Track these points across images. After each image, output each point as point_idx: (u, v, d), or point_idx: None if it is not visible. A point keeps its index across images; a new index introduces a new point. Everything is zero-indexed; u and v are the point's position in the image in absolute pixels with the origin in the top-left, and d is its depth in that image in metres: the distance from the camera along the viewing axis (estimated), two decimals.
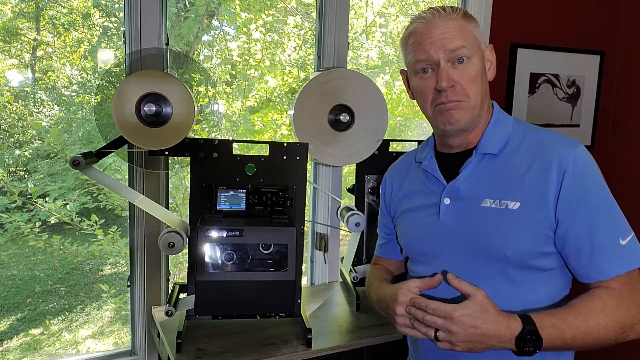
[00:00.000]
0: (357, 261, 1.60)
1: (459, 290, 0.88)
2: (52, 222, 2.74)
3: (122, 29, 1.45)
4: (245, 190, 1.30)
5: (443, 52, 0.94)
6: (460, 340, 0.83)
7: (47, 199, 2.73)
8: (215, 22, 2.90)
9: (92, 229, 2.73)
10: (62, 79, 2.91)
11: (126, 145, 1.27)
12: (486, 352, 0.86)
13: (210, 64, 2.91)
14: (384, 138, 1.54)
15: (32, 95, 2.86)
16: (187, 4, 2.64)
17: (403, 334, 0.93)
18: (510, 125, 1.02)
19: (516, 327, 0.83)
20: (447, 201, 1.00)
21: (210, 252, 1.19)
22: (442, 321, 0.84)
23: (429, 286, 0.93)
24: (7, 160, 2.83)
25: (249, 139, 2.94)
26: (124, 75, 1.39)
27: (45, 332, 2.88)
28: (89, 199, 2.80)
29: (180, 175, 2.66)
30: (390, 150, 1.57)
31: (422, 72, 0.97)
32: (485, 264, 0.95)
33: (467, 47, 0.95)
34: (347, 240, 1.80)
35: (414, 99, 1.06)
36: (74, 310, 3.05)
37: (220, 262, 1.20)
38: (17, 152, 2.87)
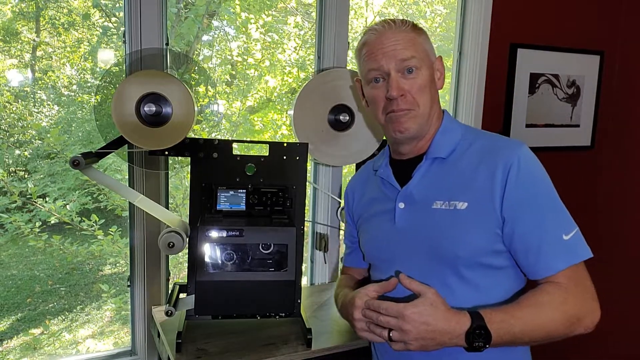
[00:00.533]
0: None
1: (410, 290, 0.90)
2: (52, 222, 2.74)
3: (122, 29, 1.45)
4: (245, 190, 1.30)
5: (394, 62, 0.98)
6: (413, 338, 0.85)
7: (47, 199, 2.73)
8: (215, 22, 2.90)
9: (92, 229, 2.73)
10: (62, 79, 2.91)
11: (126, 145, 1.27)
12: (437, 351, 0.87)
13: (211, 63, 2.91)
14: (384, 138, 1.54)
15: (32, 95, 2.86)
16: (187, 3, 2.64)
17: (362, 338, 0.95)
18: (460, 132, 1.05)
19: (465, 322, 0.85)
20: (401, 205, 1.03)
21: (210, 252, 1.19)
22: (394, 320, 0.86)
23: (385, 289, 0.96)
24: (7, 160, 2.83)
25: (249, 139, 2.94)
26: (124, 75, 1.39)
27: (45, 332, 2.88)
28: (89, 199, 2.80)
29: (180, 175, 2.66)
30: None
31: (374, 81, 1.02)
32: (438, 265, 0.97)
33: (416, 58, 0.99)
34: None
35: (368, 107, 1.10)
36: (74, 310, 3.05)
37: (220, 262, 1.20)
38: (17, 152, 2.87)
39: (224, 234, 1.20)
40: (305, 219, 1.34)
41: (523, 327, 0.86)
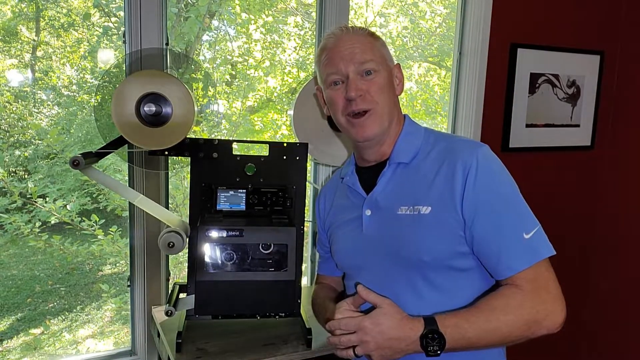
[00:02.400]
0: None
1: (367, 301, 0.91)
2: (52, 222, 2.74)
3: (122, 29, 1.45)
4: (245, 190, 1.30)
5: (352, 65, 1.00)
6: (373, 348, 0.86)
7: (47, 199, 2.73)
8: (215, 22, 2.90)
9: (92, 229, 2.73)
10: (63, 79, 2.91)
11: (126, 145, 1.27)
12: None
13: (212, 63, 2.91)
14: None
15: (32, 96, 2.86)
16: (188, 3, 2.64)
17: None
18: (421, 135, 1.06)
19: (419, 328, 0.86)
20: (368, 212, 1.04)
21: (210, 252, 1.19)
22: (354, 336, 0.87)
23: (358, 303, 0.95)
24: (7, 160, 2.83)
25: (249, 139, 2.94)
26: (124, 75, 1.39)
27: (45, 332, 2.88)
28: (89, 200, 2.80)
29: (180, 175, 2.66)
30: None
31: (333, 84, 1.03)
32: (406, 270, 0.98)
33: (374, 61, 1.00)
34: None
35: (329, 114, 1.11)
36: (74, 310, 3.05)
37: (220, 262, 1.20)
38: (17, 152, 2.87)
39: (224, 234, 1.20)
40: (305, 219, 1.34)
41: (477, 331, 0.86)
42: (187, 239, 1.22)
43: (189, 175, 1.30)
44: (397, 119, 1.06)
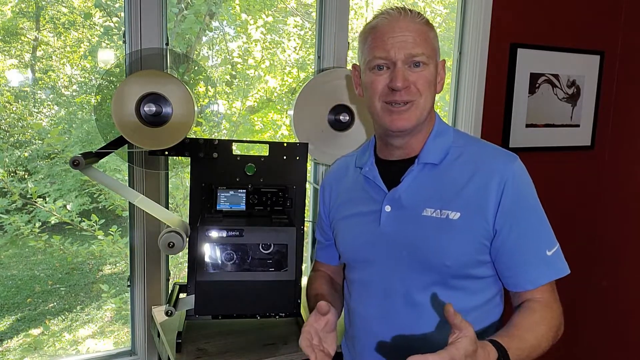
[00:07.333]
0: None
1: (452, 323, 0.78)
2: (53, 222, 2.74)
3: (122, 29, 1.45)
4: (245, 190, 1.30)
5: (402, 53, 0.94)
6: None
7: (47, 199, 2.73)
8: (215, 23, 2.90)
9: (92, 229, 2.73)
10: (62, 79, 2.91)
11: (126, 145, 1.27)
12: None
13: (211, 63, 2.91)
14: None
15: (32, 95, 2.86)
16: (188, 3, 2.64)
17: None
18: (451, 137, 1.03)
19: (493, 354, 0.82)
20: (388, 209, 1.01)
21: (210, 252, 1.19)
22: None
23: (321, 314, 0.93)
24: (7, 160, 2.83)
25: (249, 139, 2.94)
26: (124, 75, 1.39)
27: (45, 332, 2.88)
28: (88, 200, 2.80)
29: (180, 175, 2.66)
30: None
31: (377, 68, 0.97)
32: (423, 272, 0.97)
33: (425, 55, 0.95)
34: None
35: (362, 96, 1.06)
36: (74, 310, 3.05)
37: (220, 262, 1.20)
38: (17, 152, 2.87)
39: (224, 234, 1.20)
40: (305, 219, 1.34)
41: (529, 349, 0.87)
42: (187, 239, 1.22)
43: (189, 175, 1.30)
44: (430, 116, 1.03)
